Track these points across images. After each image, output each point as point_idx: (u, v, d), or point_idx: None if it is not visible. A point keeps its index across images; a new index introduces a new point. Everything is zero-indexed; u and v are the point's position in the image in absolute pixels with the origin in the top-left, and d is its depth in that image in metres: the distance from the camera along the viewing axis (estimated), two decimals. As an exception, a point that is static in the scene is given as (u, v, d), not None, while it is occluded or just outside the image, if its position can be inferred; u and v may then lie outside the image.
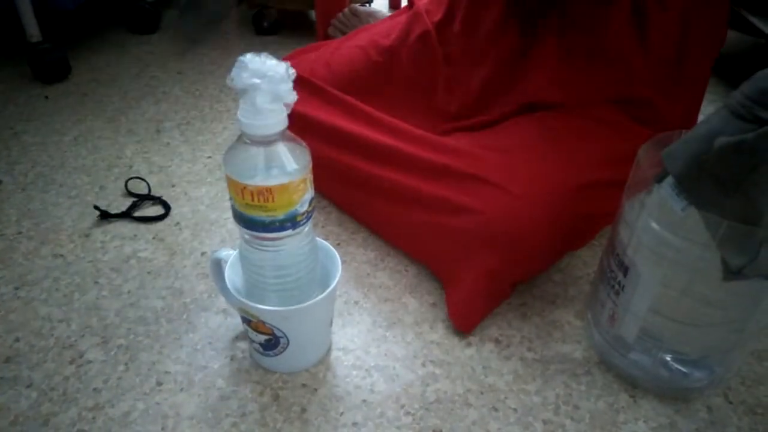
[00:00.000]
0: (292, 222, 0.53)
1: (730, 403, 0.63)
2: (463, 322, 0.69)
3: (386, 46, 0.91)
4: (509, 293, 0.72)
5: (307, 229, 0.56)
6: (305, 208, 0.53)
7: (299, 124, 0.86)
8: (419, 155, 0.75)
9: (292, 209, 0.52)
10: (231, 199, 0.54)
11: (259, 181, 0.50)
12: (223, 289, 0.64)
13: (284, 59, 0.48)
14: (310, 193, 0.54)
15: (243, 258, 0.59)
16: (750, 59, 1.44)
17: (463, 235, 0.69)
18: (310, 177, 0.53)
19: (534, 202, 0.67)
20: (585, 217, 0.72)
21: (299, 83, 0.49)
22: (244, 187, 0.50)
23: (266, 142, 0.50)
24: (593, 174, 0.71)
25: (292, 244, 0.55)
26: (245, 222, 0.53)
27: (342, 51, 0.95)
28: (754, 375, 0.65)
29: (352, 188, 0.82)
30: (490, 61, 0.82)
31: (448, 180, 0.72)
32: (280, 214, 0.52)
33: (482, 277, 0.68)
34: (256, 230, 0.53)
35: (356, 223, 0.86)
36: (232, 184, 0.52)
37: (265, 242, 0.54)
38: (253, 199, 0.51)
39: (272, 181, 0.50)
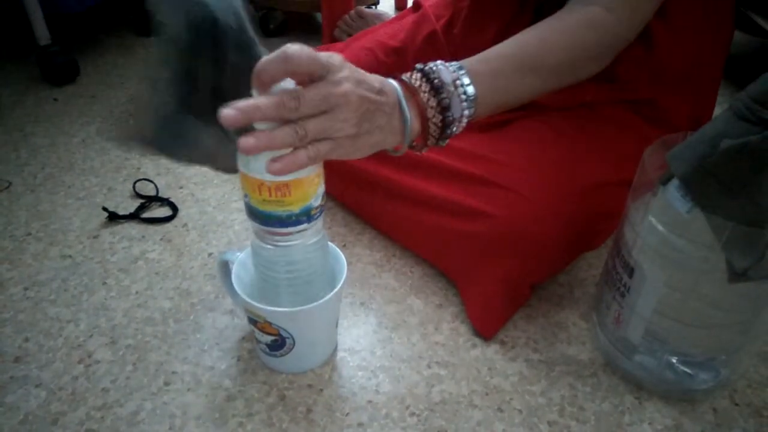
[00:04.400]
0: (307, 216, 0.54)
1: (736, 405, 0.62)
2: (486, 327, 0.69)
3: (394, 47, 0.92)
4: (528, 295, 0.72)
5: (319, 223, 0.56)
6: (319, 201, 0.54)
7: None
8: (430, 158, 0.75)
9: (307, 203, 0.53)
10: (246, 196, 0.54)
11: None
12: (230, 290, 0.64)
13: None
14: (322, 187, 0.54)
15: (255, 255, 0.59)
16: (757, 61, 1.44)
17: (476, 239, 0.69)
18: (322, 171, 0.54)
19: (546, 205, 0.67)
20: (598, 217, 0.72)
21: None
22: (262, 183, 0.51)
23: None
24: (604, 173, 0.71)
25: (305, 238, 0.56)
26: (262, 218, 0.54)
27: (349, 53, 0.96)
28: (760, 377, 0.65)
29: (364, 191, 0.82)
30: None
31: (460, 183, 0.72)
32: (297, 209, 0.53)
33: (499, 281, 0.69)
34: (273, 226, 0.54)
35: (362, 225, 0.87)
36: (248, 181, 0.52)
37: (280, 237, 0.55)
38: (270, 195, 0.51)
39: (289, 176, 0.50)
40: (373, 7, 1.51)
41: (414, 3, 0.99)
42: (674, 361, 0.61)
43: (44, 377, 0.64)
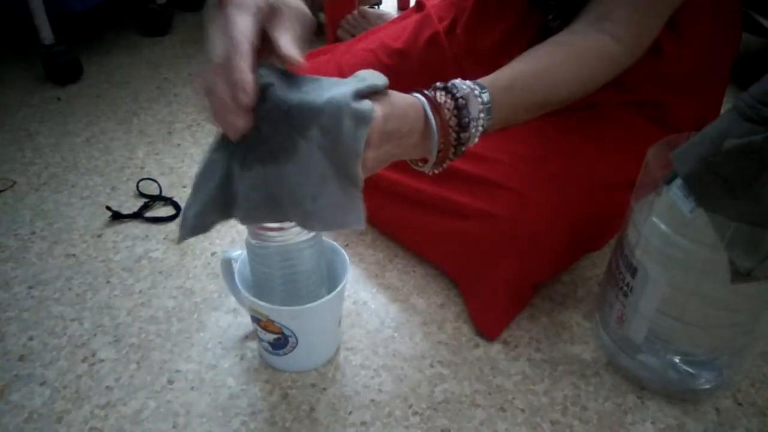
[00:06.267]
0: None
1: (739, 404, 0.62)
2: (489, 328, 0.69)
3: (396, 49, 0.91)
4: (531, 295, 0.72)
5: None
6: None
7: None
8: None
9: None
10: None
11: None
12: (234, 288, 0.64)
13: None
14: None
15: (247, 250, 0.59)
16: (760, 61, 1.43)
17: (478, 240, 0.69)
18: None
19: (549, 205, 0.67)
20: (601, 218, 0.72)
21: None
22: None
23: None
24: (608, 174, 0.71)
25: (290, 235, 0.55)
26: None
27: (352, 54, 0.96)
28: (762, 377, 0.65)
29: (366, 192, 0.82)
30: (495, 63, 0.82)
31: (462, 183, 0.72)
32: None
33: (501, 282, 0.69)
34: None
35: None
36: None
37: (265, 232, 0.55)
38: None
39: None
40: (376, 7, 1.51)
41: (417, 2, 0.99)
42: (677, 360, 0.61)
43: (49, 375, 0.64)
